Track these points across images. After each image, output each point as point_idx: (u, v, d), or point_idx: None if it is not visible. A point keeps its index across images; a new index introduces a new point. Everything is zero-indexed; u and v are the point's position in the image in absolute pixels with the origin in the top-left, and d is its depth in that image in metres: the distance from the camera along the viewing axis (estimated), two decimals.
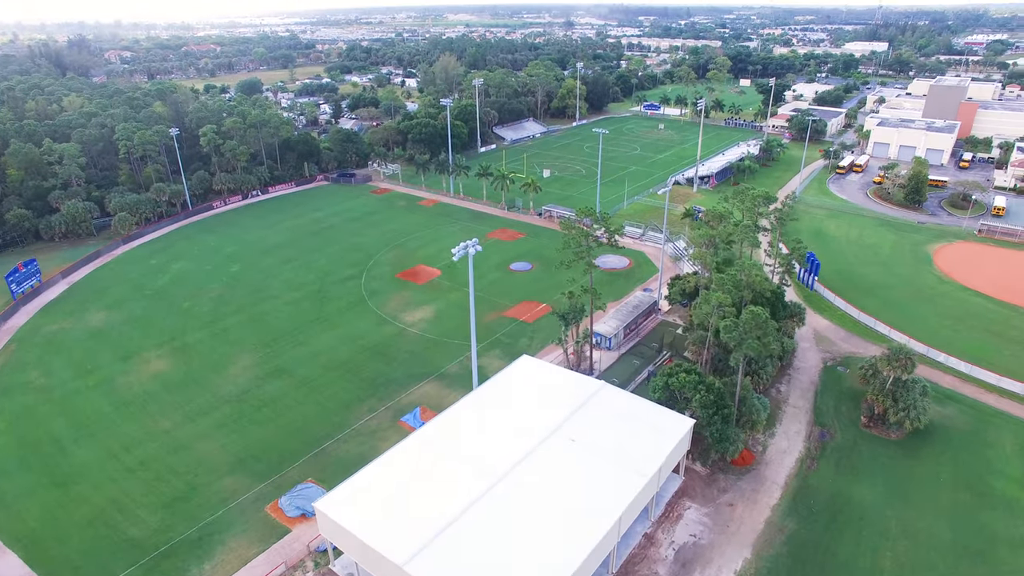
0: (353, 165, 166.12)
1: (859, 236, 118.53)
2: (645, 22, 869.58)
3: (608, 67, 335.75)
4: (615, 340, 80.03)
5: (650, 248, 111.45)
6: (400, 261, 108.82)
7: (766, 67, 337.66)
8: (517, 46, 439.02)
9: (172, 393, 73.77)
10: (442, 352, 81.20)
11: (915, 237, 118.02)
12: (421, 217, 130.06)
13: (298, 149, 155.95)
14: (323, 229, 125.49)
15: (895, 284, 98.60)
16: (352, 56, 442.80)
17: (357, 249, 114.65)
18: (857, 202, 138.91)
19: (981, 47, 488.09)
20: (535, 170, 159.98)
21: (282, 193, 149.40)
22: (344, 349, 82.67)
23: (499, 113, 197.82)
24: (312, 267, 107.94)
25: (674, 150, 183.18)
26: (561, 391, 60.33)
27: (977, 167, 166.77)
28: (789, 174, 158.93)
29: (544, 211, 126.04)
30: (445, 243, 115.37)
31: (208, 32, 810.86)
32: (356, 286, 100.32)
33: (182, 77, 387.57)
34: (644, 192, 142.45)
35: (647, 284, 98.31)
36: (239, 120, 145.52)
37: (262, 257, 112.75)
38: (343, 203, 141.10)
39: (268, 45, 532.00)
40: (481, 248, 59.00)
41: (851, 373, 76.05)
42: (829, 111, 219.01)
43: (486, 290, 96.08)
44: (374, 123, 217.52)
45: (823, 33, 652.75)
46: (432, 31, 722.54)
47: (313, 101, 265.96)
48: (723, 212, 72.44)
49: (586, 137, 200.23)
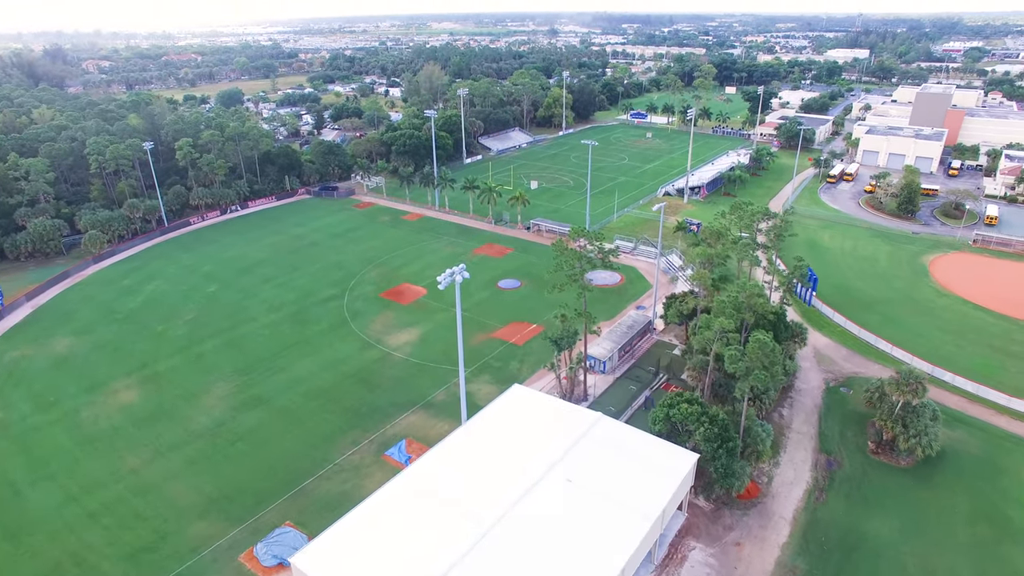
0: (335, 178, 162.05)
1: (854, 248, 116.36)
2: (629, 30, 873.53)
3: (593, 75, 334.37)
4: (609, 363, 76.65)
5: (642, 263, 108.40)
6: (384, 279, 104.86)
7: (751, 74, 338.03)
8: (502, 54, 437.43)
9: (141, 427, 69.22)
10: (428, 378, 77.33)
11: (910, 248, 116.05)
12: (405, 232, 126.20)
13: (278, 162, 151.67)
14: (304, 246, 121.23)
15: (893, 298, 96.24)
16: (335, 65, 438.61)
17: (339, 267, 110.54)
18: (849, 212, 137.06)
19: (959, 54, 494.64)
20: (522, 182, 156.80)
21: (262, 208, 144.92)
22: (325, 376, 78.54)
23: (484, 123, 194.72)
24: (292, 286, 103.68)
25: (663, 159, 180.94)
26: (556, 424, 56.70)
27: (966, 175, 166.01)
28: (780, 183, 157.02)
29: (532, 225, 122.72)
30: (430, 260, 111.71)
31: (189, 41, 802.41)
32: (338, 307, 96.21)
33: (161, 87, 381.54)
34: (634, 204, 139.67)
35: (640, 301, 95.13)
36: (217, 133, 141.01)
37: (241, 276, 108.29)
38: (325, 218, 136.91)
39: (250, 54, 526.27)
40: (468, 275, 55.21)
41: (855, 394, 73.22)
42: (816, 119, 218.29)
43: (473, 310, 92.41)
44: (357, 134, 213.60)
45: (805, 40, 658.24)
46: (416, 40, 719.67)
47: (295, 111, 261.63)
48: (720, 229, 69.44)
49: (573, 147, 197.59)
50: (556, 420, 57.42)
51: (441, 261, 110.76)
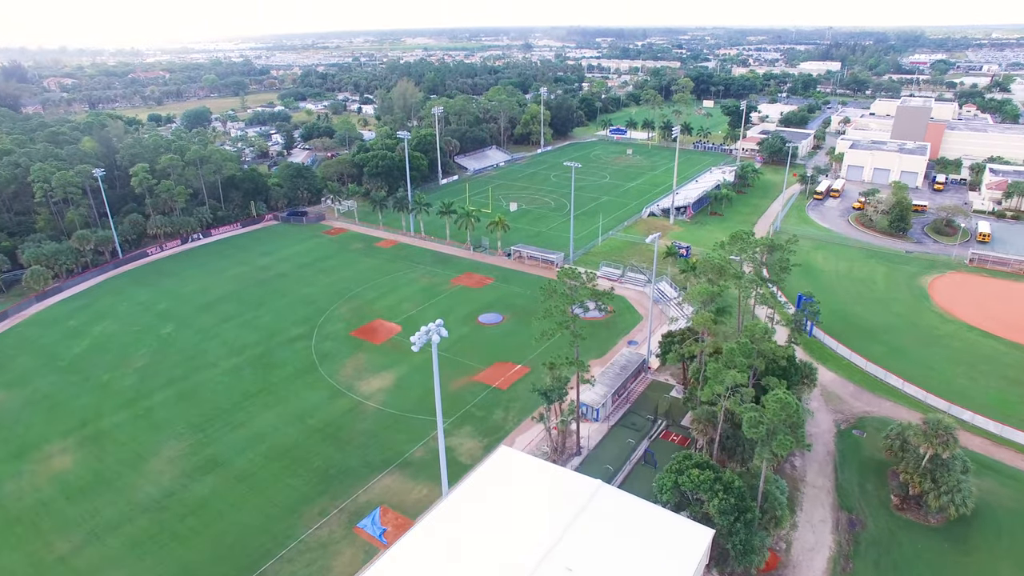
0: (305, 202, 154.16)
1: (849, 269, 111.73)
2: (603, 44, 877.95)
3: (570, 90, 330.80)
4: (603, 410, 70.05)
5: (631, 292, 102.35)
6: (356, 315, 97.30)
7: (728, 88, 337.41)
8: (477, 70, 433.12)
9: (75, 501, 60.77)
10: (404, 431, 69.97)
11: (906, 269, 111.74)
12: (379, 261, 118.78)
13: (243, 187, 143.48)
14: (270, 278, 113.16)
15: (897, 325, 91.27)
16: (307, 82, 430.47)
17: (308, 302, 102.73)
18: (840, 230, 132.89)
19: (925, 66, 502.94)
20: (501, 203, 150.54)
21: (226, 236, 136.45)
22: (290, 431, 70.75)
23: (460, 142, 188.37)
24: (256, 325, 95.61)
25: (645, 177, 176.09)
26: (550, 496, 49.68)
27: (951, 189, 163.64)
28: (766, 200, 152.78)
29: (513, 251, 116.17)
30: (405, 292, 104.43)
31: (158, 58, 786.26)
32: (306, 348, 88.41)
33: (126, 106, 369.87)
34: (619, 225, 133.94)
35: (632, 335, 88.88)
36: (176, 157, 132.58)
37: (200, 314, 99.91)
38: (293, 246, 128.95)
39: (219, 71, 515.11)
40: (446, 332, 48.14)
41: (869, 438, 67.58)
42: (797, 132, 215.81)
43: (452, 349, 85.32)
44: (329, 154, 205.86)
45: (776, 53, 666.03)
46: (390, 55, 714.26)
47: (264, 131, 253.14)
48: (721, 263, 63.56)
49: (552, 165, 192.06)
50: (551, 491, 50.40)
51: (417, 293, 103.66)
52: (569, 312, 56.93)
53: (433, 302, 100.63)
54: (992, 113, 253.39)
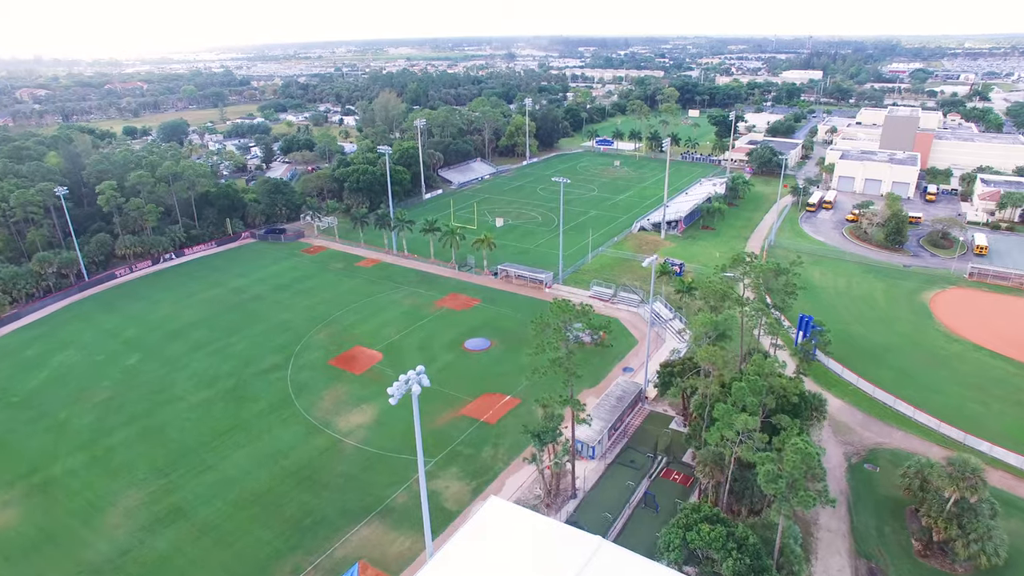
0: (283, 219, 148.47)
1: (847, 286, 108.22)
2: (586, 53, 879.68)
3: (555, 100, 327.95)
4: (599, 447, 65.33)
5: (624, 313, 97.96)
6: (335, 342, 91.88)
7: (713, 97, 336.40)
8: (460, 80, 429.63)
9: (15, 564, 54.80)
10: (386, 472, 64.75)
11: (905, 284, 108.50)
12: (360, 282, 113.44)
13: (218, 203, 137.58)
14: (245, 301, 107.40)
15: (901, 346, 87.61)
16: (288, 93, 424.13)
17: (284, 328, 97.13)
18: (835, 244, 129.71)
19: (904, 75, 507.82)
20: (487, 219, 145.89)
21: (201, 255, 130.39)
22: (262, 474, 65.23)
23: (444, 154, 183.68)
24: (229, 354, 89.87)
25: (634, 190, 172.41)
26: (546, 557, 44.75)
27: (943, 200, 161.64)
28: (758, 213, 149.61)
29: (500, 270, 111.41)
30: (387, 316, 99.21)
31: (137, 69, 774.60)
32: (281, 379, 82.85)
33: (102, 118, 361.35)
34: (608, 241, 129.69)
35: (626, 361, 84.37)
36: (147, 173, 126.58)
37: (169, 342, 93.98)
38: (271, 266, 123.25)
39: (199, 82, 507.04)
40: (429, 382, 43.12)
41: (883, 472, 63.46)
42: (785, 142, 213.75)
43: (438, 379, 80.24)
44: (309, 168, 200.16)
45: (758, 62, 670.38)
46: (372, 65, 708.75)
47: (243, 144, 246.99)
48: (723, 288, 59.33)
49: (539, 178, 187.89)
50: (546, 550, 45.45)
51: (399, 317, 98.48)
52: (563, 347, 52.21)
53: (416, 326, 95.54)
54: (976, 122, 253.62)
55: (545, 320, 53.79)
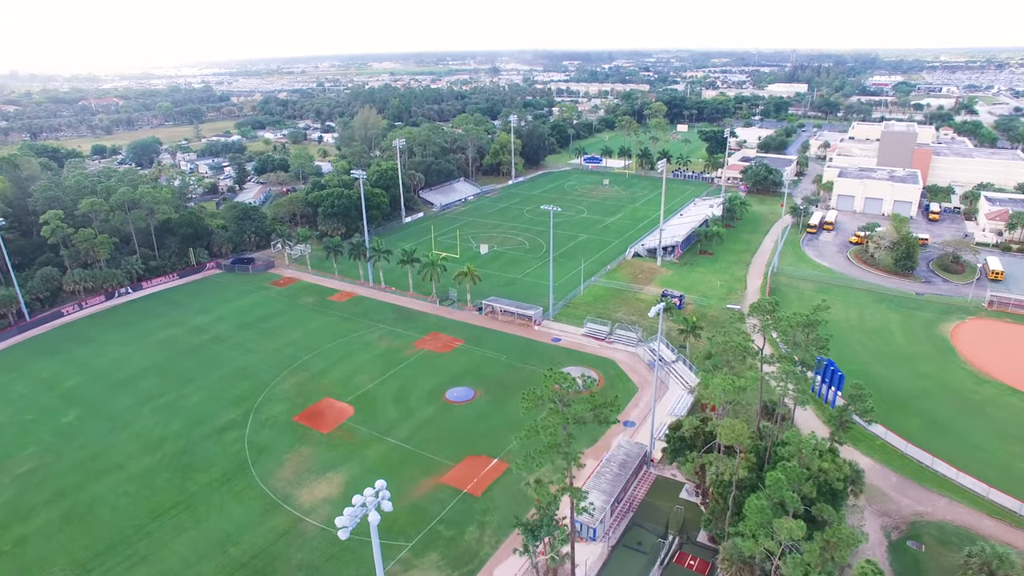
0: (252, 247, 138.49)
1: (860, 318, 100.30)
2: (570, 67, 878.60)
3: (540, 116, 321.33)
4: (601, 527, 56.15)
5: (621, 354, 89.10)
6: (301, 393, 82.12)
7: (701, 111, 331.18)
8: (443, 95, 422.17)
9: None
10: (354, 562, 55.10)
11: (921, 315, 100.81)
12: (332, 319, 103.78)
13: (181, 231, 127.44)
14: (205, 343, 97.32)
15: (928, 390, 79.53)
16: (267, 110, 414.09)
17: (246, 375, 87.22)
18: (840, 269, 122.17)
19: (887, 87, 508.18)
20: (470, 245, 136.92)
21: (160, 288, 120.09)
22: (206, 567, 55.29)
23: (426, 175, 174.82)
24: (182, 408, 79.82)
25: (625, 211, 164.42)
26: None
27: (947, 218, 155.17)
28: (757, 235, 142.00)
29: (484, 306, 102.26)
30: (361, 360, 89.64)
31: (116, 84, 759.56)
32: (238, 439, 72.97)
33: (72, 135, 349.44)
34: (601, 270, 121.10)
35: (627, 414, 75.41)
36: (100, 200, 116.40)
37: (114, 394, 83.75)
38: (236, 300, 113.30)
39: (177, 98, 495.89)
40: (391, 506, 33.79)
41: (930, 552, 54.84)
42: (779, 158, 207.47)
43: (416, 438, 70.97)
44: (284, 189, 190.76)
45: (743, 75, 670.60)
46: (355, 80, 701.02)
47: (217, 163, 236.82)
48: (743, 344, 50.79)
49: (525, 198, 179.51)
50: None
51: (374, 361, 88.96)
52: (563, 431, 43.21)
53: (393, 373, 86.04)
54: (968, 136, 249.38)
55: (539, 395, 44.73)
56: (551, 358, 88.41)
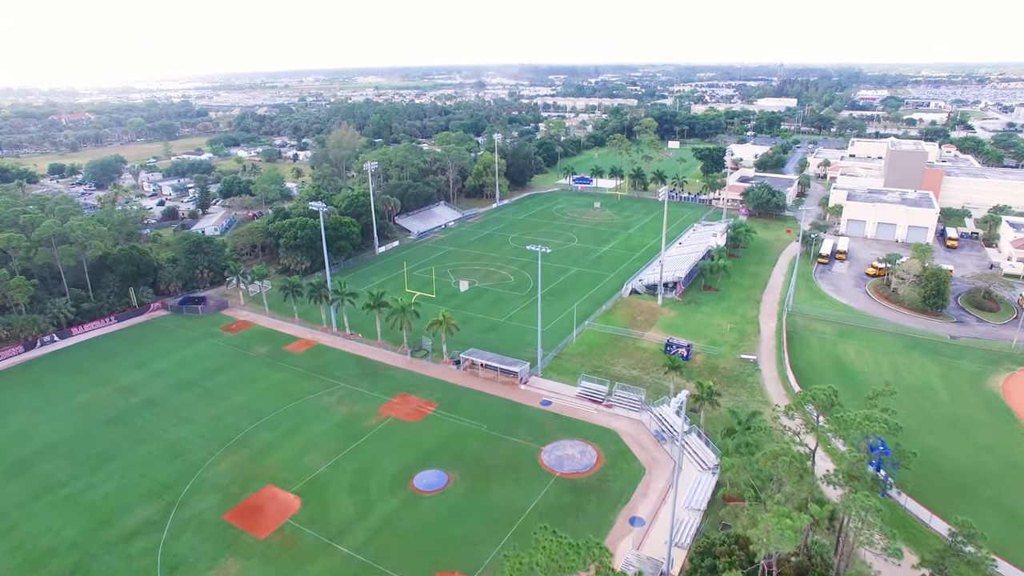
0: (206, 283, 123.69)
1: (894, 369, 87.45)
2: (556, 81, 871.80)
3: (526, 132, 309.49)
4: None
5: (623, 422, 75.37)
6: (239, 478, 67.49)
7: (692, 127, 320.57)
8: (426, 111, 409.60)
9: None
10: None
11: (964, 366, 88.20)
12: (286, 376, 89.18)
13: (121, 268, 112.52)
14: (133, 409, 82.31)
15: (991, 468, 66.57)
16: (243, 126, 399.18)
17: (175, 452, 72.47)
18: (861, 307, 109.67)
19: (874, 102, 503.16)
20: (448, 279, 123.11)
21: (93, 335, 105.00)
22: None
23: (402, 199, 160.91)
24: (86, 503, 64.90)
25: (619, 238, 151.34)
26: None
27: (965, 245, 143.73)
28: (765, 267, 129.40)
29: (463, 359, 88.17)
30: (314, 433, 75.16)
31: (94, 99, 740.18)
32: (150, 550, 58.15)
33: (34, 152, 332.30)
34: (596, 311, 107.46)
35: (633, 506, 61.52)
36: (18, 235, 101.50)
37: (5, 481, 68.64)
38: (178, 351, 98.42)
39: (152, 113, 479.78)
40: None
41: None
42: (778, 178, 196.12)
43: (372, 545, 56.73)
44: (250, 214, 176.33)
45: (729, 89, 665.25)
46: (339, 94, 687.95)
47: (182, 184, 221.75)
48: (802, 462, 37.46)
49: (510, 224, 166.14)
50: None
51: (329, 434, 74.57)
52: None
53: (352, 449, 71.68)
54: (971, 154, 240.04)
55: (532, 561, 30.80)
56: (540, 427, 74.57)
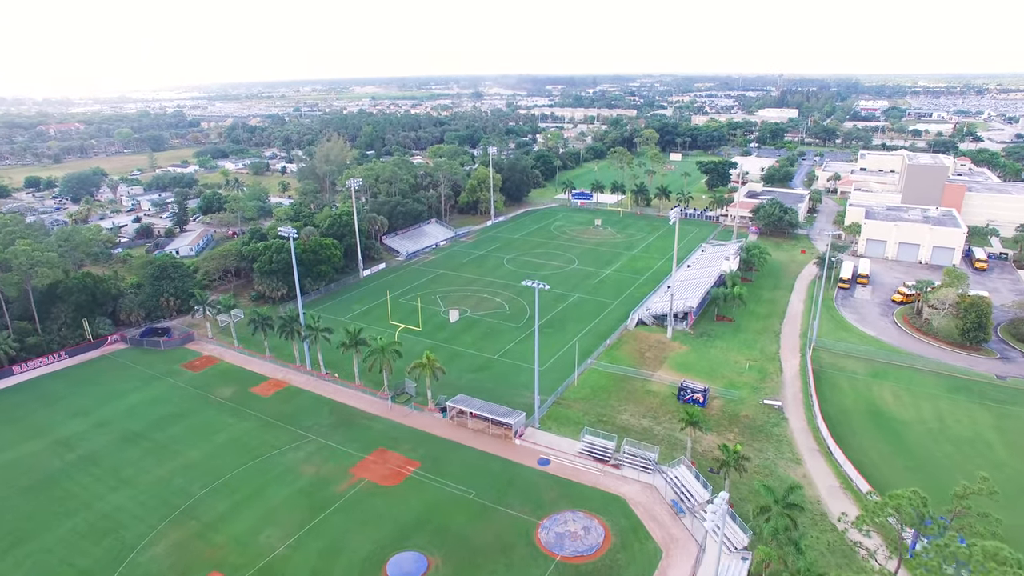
0: (172, 311, 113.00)
1: (938, 418, 76.95)
2: (554, 91, 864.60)
3: (523, 143, 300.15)
4: None
5: (633, 487, 64.66)
6: (180, 561, 56.56)
7: (694, 139, 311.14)
8: (422, 122, 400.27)
9: None
10: None
11: (1018, 413, 77.74)
12: (250, 426, 78.34)
13: (73, 298, 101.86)
14: (65, 469, 71.39)
15: None
16: (233, 137, 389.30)
17: (106, 528, 61.54)
18: (891, 340, 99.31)
19: (876, 112, 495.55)
20: (437, 308, 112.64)
21: (38, 374, 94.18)
22: None
23: (390, 218, 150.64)
24: None
25: (623, 260, 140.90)
26: None
27: (995, 268, 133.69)
28: (782, 292, 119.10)
29: (450, 408, 77.49)
30: (275, 500, 64.30)
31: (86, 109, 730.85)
32: None
33: (14, 164, 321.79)
34: (600, 346, 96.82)
35: None
36: None
37: None
38: (131, 393, 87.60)
39: (144, 123, 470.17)
40: None
41: None
42: (788, 193, 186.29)
43: None
44: (230, 232, 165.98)
45: (729, 99, 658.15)
46: (335, 105, 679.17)
47: (163, 199, 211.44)
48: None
49: (506, 243, 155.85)
50: None
51: (292, 502, 63.71)
52: None
53: (317, 523, 60.83)
54: (987, 167, 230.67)
55: None
56: (537, 494, 63.86)
